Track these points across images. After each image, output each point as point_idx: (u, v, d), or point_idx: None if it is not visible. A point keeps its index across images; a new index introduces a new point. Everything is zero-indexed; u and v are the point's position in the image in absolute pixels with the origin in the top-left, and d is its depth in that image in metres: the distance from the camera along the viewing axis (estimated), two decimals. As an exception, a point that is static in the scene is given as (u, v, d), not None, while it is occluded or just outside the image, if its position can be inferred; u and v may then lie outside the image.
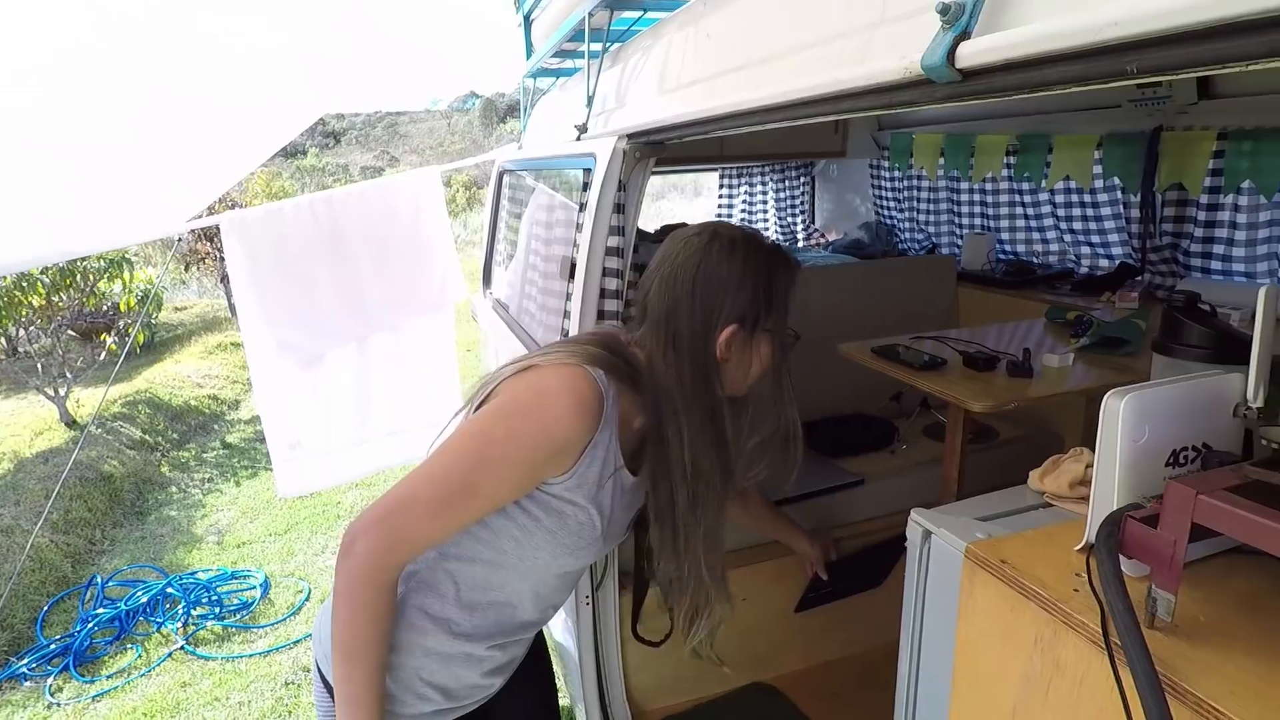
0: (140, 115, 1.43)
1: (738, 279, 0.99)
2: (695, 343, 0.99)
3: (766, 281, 1.00)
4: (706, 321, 0.98)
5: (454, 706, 1.09)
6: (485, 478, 0.92)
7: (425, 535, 0.93)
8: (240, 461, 5.80)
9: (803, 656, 2.17)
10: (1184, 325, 0.98)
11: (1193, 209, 2.47)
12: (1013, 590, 0.77)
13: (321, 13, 1.42)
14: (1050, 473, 1.00)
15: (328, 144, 33.72)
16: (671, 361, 0.99)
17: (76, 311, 6.49)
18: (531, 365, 0.98)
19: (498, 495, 0.94)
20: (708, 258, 1.00)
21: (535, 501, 0.99)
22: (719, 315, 0.98)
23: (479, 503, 0.94)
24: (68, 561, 4.19)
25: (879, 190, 3.91)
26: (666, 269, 1.02)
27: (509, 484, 0.94)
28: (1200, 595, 0.73)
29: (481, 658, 1.07)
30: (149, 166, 1.75)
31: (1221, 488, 0.63)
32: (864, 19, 0.87)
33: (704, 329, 0.99)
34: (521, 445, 0.92)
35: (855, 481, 2.23)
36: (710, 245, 1.01)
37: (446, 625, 1.03)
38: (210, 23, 1.20)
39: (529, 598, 1.07)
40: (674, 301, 1.00)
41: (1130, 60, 0.55)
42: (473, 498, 0.92)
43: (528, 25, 2.74)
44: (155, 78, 1.29)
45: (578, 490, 0.98)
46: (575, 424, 0.94)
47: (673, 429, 0.99)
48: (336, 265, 2.49)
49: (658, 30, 1.67)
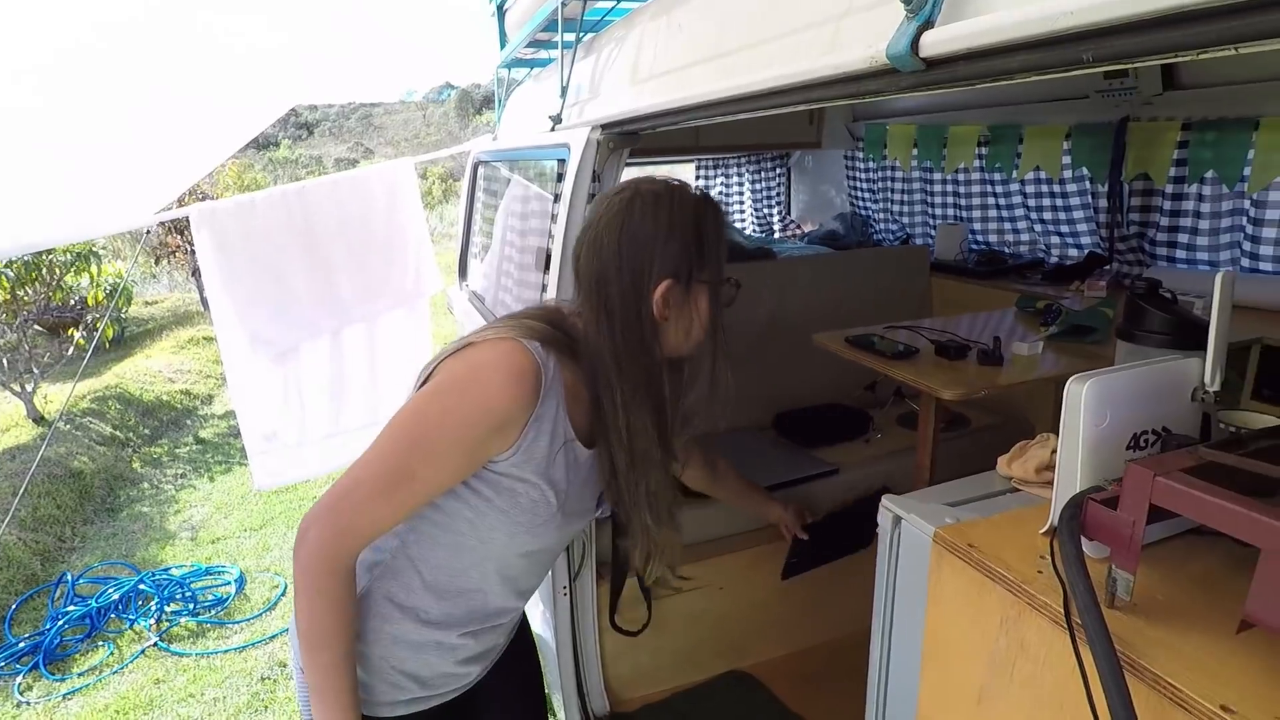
0: (107, 105, 1.40)
1: (665, 233, 0.96)
2: (627, 305, 0.96)
3: (695, 231, 0.97)
4: (637, 282, 0.95)
5: (429, 695, 1.08)
6: (423, 459, 0.90)
7: (373, 521, 0.92)
8: (214, 457, 5.73)
9: (779, 644, 2.20)
10: (1146, 312, 1.00)
11: (1158, 199, 2.52)
12: (979, 573, 0.78)
13: (295, 3, 1.39)
14: (1018, 458, 1.02)
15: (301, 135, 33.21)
16: (604, 327, 0.96)
17: (43, 306, 6.35)
18: (469, 344, 0.95)
19: (439, 476, 0.92)
20: (630, 215, 0.97)
21: (484, 481, 0.97)
22: (649, 273, 0.95)
23: (420, 485, 0.91)
24: (36, 559, 4.11)
25: (854, 181, 3.94)
26: (592, 233, 0.99)
27: (449, 464, 0.92)
28: (1158, 576, 0.75)
29: (454, 645, 1.06)
30: (115, 157, 1.71)
31: (1178, 469, 0.65)
32: (831, 9, 0.87)
33: (635, 289, 0.96)
34: (458, 424, 0.90)
35: (830, 471, 2.25)
36: (633, 202, 0.97)
37: (415, 613, 1.03)
38: (180, 12, 1.17)
39: (496, 581, 1.06)
40: (602, 265, 0.97)
41: (1086, 49, 0.56)
42: (412, 480, 0.90)
43: (501, 15, 2.71)
44: (122, 67, 1.27)
45: (525, 466, 0.96)
46: (512, 398, 0.91)
47: (607, 395, 0.97)
48: (310, 257, 2.46)
49: (630, 20, 1.66)
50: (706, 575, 2.08)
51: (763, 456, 2.37)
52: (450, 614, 1.05)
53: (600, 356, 0.97)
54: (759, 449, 2.43)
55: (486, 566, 1.04)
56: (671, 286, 0.96)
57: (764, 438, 2.53)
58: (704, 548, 2.09)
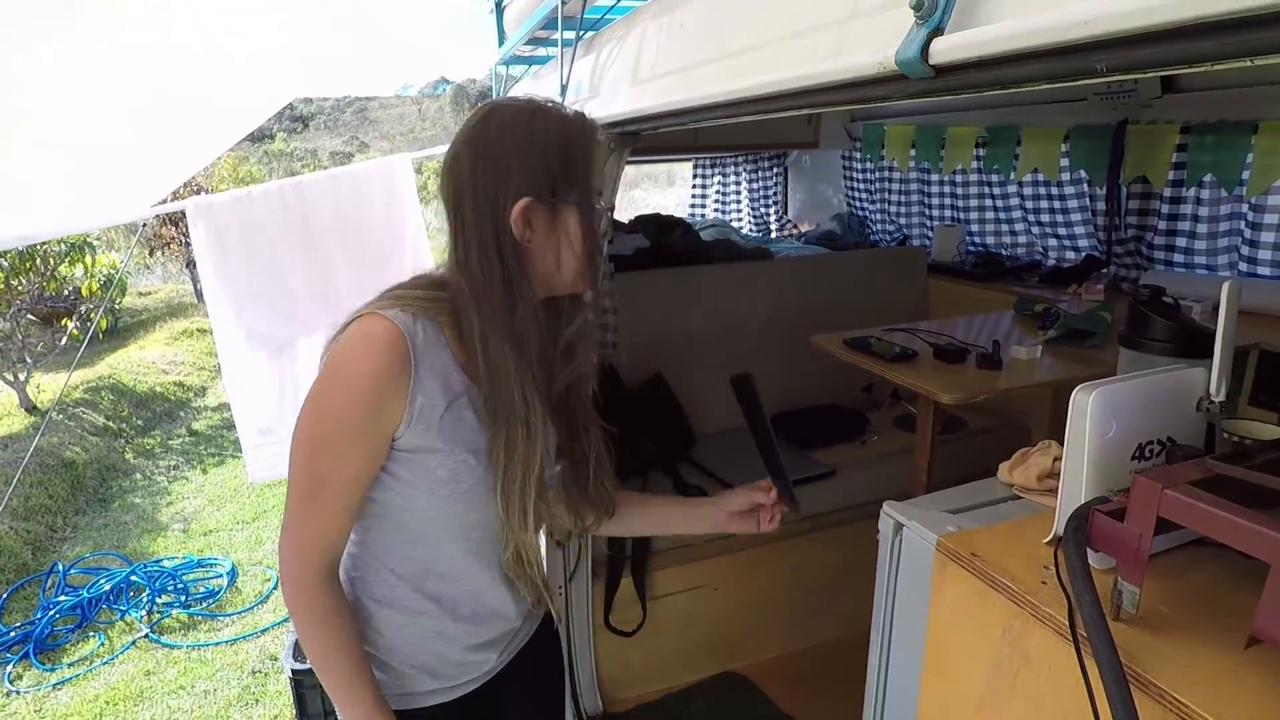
0: (103, 97, 1.39)
1: (523, 146, 0.88)
2: (483, 225, 0.89)
3: (561, 149, 0.89)
4: (493, 198, 0.88)
5: (448, 686, 1.06)
6: (325, 461, 0.89)
7: (318, 534, 0.91)
8: (207, 449, 5.70)
9: (772, 646, 2.20)
10: (1149, 319, 0.99)
11: (1156, 202, 2.52)
12: (982, 582, 0.78)
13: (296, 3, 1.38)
14: (1019, 465, 1.02)
15: (296, 129, 33.05)
16: (460, 253, 0.91)
17: (36, 296, 6.31)
18: (338, 333, 0.93)
19: (348, 471, 0.90)
20: (488, 129, 0.90)
21: (398, 463, 0.93)
22: (506, 190, 0.88)
23: (336, 485, 0.89)
24: (28, 549, 4.09)
25: (851, 182, 3.93)
26: (451, 152, 0.92)
27: (350, 456, 0.89)
28: (1162, 587, 0.75)
29: (454, 635, 1.04)
30: (112, 150, 1.69)
31: (1185, 482, 0.64)
32: (837, 13, 0.87)
33: (491, 206, 0.88)
34: (337, 416, 0.88)
35: (827, 472, 2.25)
36: (489, 118, 0.91)
37: (400, 606, 1.01)
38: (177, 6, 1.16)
39: (464, 561, 1.02)
40: (458, 184, 0.90)
41: (1100, 59, 0.56)
42: (325, 483, 0.89)
43: (499, 12, 2.70)
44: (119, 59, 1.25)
45: (430, 433, 0.91)
46: (376, 374, 0.87)
47: (468, 328, 0.91)
48: (307, 252, 2.44)
49: (631, 19, 1.65)
50: (700, 576, 2.08)
51: (758, 457, 2.37)
52: (437, 600, 1.02)
53: (457, 288, 0.91)
54: (754, 450, 2.43)
55: (449, 548, 1.00)
56: (531, 205, 0.88)
57: (760, 438, 2.52)
58: (698, 549, 2.09)
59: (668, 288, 2.54)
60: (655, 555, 2.01)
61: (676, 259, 2.76)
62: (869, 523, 1.77)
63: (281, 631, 3.35)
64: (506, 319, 0.90)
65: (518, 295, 0.90)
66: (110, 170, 1.81)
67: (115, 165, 1.79)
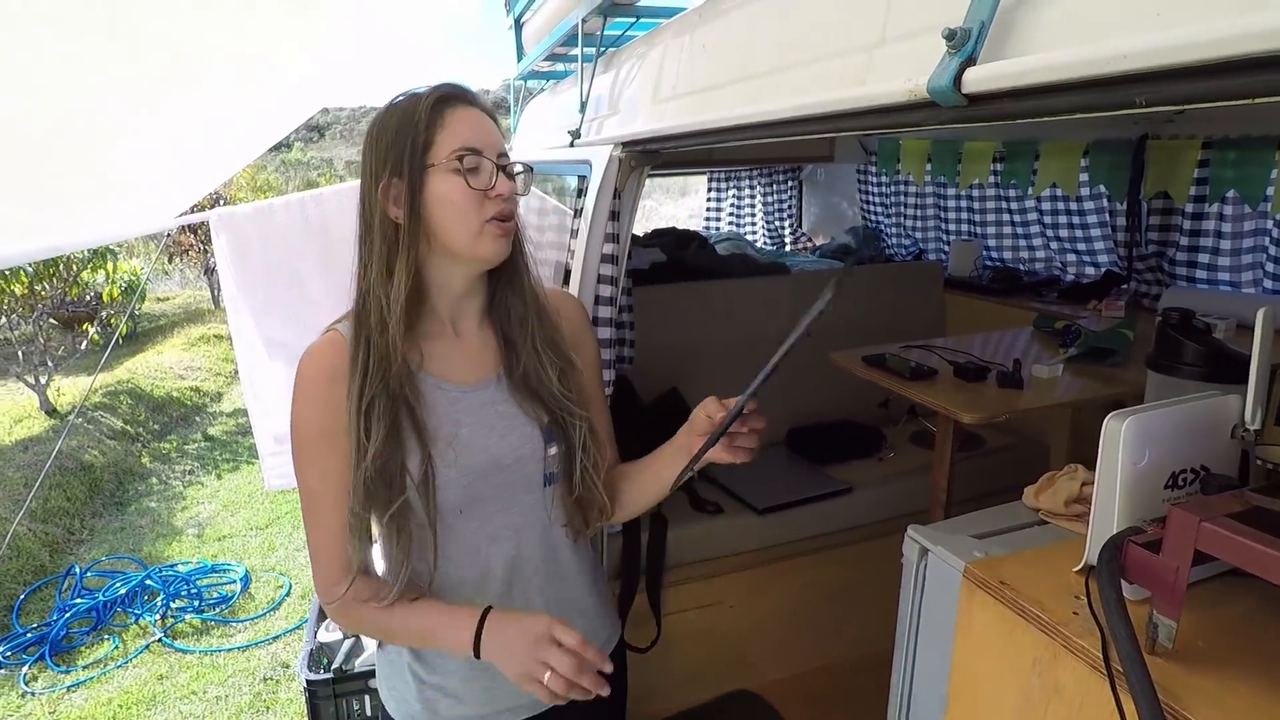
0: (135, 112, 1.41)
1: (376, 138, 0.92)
2: (370, 219, 0.94)
3: (405, 118, 0.91)
4: (370, 193, 0.92)
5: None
6: (311, 474, 0.94)
7: (331, 546, 0.94)
8: (222, 454, 5.74)
9: (788, 664, 2.18)
10: (1179, 343, 0.98)
11: (1178, 217, 2.50)
12: (1012, 612, 0.77)
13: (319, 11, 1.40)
14: (1045, 489, 1.01)
15: (312, 138, 33.36)
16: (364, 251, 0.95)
17: (59, 301, 6.40)
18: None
19: (332, 476, 0.93)
20: (367, 135, 0.95)
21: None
22: (377, 179, 0.91)
23: (327, 494, 0.93)
24: (45, 550, 4.14)
25: (866, 195, 3.93)
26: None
27: (331, 462, 0.93)
28: (1198, 619, 0.74)
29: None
30: (141, 163, 1.72)
31: (1224, 514, 0.64)
32: (865, 38, 0.87)
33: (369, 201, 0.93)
34: (301, 425, 0.94)
35: (843, 489, 2.24)
36: (379, 112, 0.95)
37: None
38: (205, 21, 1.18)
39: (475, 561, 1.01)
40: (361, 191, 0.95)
41: (1139, 92, 0.55)
42: (317, 495, 0.94)
43: (518, 29, 2.72)
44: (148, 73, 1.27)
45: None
46: (320, 372, 0.93)
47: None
48: (325, 262, 2.46)
49: (651, 38, 1.66)
50: (715, 593, 2.07)
51: (775, 473, 2.36)
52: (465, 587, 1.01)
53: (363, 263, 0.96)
54: (771, 464, 2.42)
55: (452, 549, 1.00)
56: (390, 184, 0.91)
57: (776, 453, 2.51)
58: (713, 565, 2.08)
59: (684, 302, 2.54)
60: (670, 570, 2.01)
61: (692, 273, 2.76)
62: (886, 540, 1.76)
63: (294, 639, 3.36)
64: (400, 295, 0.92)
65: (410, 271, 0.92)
66: (138, 182, 1.83)
67: (143, 177, 1.82)
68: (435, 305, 0.98)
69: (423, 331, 0.97)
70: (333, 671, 1.91)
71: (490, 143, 0.92)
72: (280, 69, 1.64)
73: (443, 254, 0.94)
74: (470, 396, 0.98)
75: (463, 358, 1.00)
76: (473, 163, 0.91)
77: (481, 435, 0.98)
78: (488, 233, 0.92)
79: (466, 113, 0.93)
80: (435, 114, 0.91)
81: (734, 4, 1.25)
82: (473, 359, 1.01)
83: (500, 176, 0.92)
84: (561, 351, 1.03)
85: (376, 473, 0.90)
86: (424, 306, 0.97)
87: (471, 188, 0.90)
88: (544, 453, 1.01)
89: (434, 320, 0.98)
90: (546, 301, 1.05)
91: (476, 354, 1.01)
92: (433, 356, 0.98)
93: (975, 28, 0.67)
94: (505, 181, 0.92)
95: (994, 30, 0.67)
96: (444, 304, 0.98)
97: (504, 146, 0.95)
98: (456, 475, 0.95)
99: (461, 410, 0.97)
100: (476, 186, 0.90)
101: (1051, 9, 0.62)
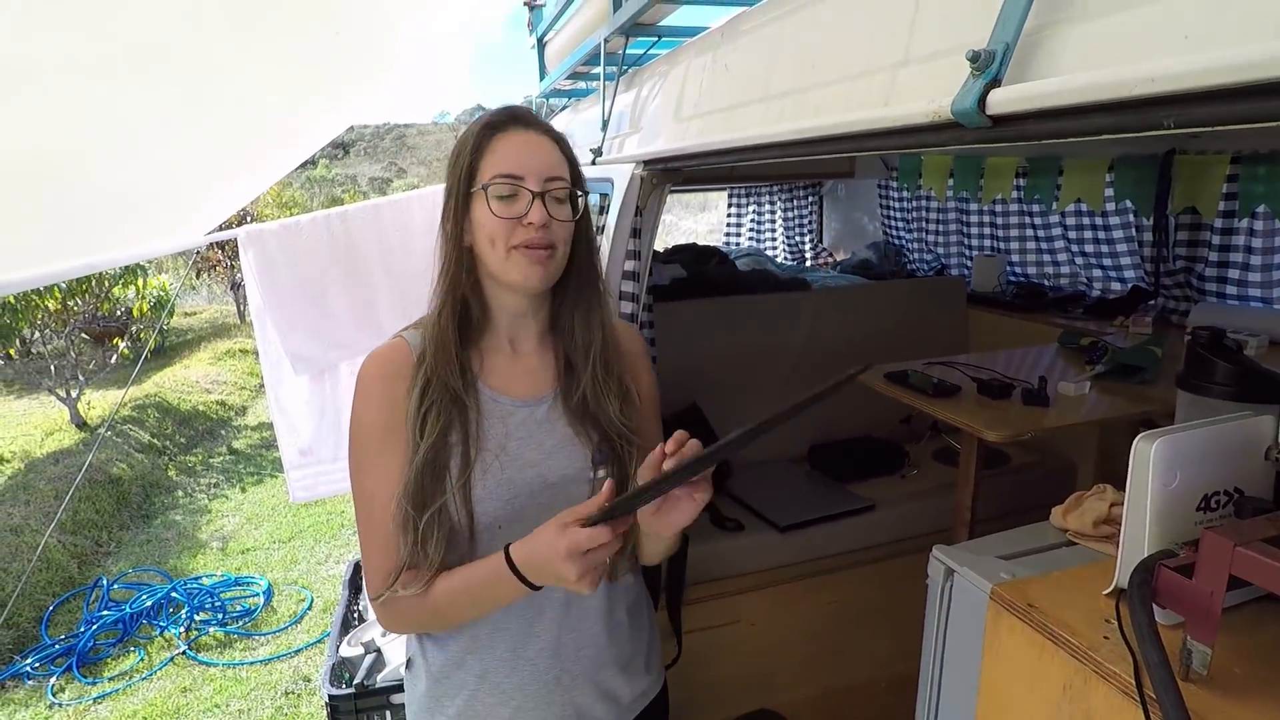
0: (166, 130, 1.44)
1: (449, 170, 0.98)
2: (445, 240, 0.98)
3: (462, 144, 0.97)
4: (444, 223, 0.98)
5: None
6: (367, 477, 0.96)
7: (385, 552, 0.95)
8: (246, 468, 5.82)
9: (809, 684, 2.15)
10: (1210, 363, 0.97)
11: (1207, 232, 2.46)
12: (1041, 635, 0.76)
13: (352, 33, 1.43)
14: (1073, 510, 0.99)
15: (337, 155, 33.95)
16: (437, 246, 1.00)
17: (91, 315, 6.54)
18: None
19: (389, 479, 0.95)
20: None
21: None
22: (446, 209, 0.97)
23: (383, 497, 0.95)
24: (74, 562, 4.21)
25: (887, 210, 3.91)
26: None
27: (387, 465, 0.95)
28: (1233, 645, 0.72)
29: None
30: (174, 181, 1.76)
31: (1259, 539, 0.63)
32: (887, 59, 0.87)
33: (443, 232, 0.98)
34: (360, 428, 0.97)
35: (865, 506, 2.22)
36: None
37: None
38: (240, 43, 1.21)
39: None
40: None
41: (1166, 114, 0.55)
42: (373, 498, 0.95)
43: (541, 48, 2.76)
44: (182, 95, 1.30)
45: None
46: (383, 374, 0.96)
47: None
48: (351, 279, 2.50)
49: (673, 57, 1.67)
50: (736, 611, 2.06)
51: (797, 489, 2.35)
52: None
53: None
54: (793, 481, 2.41)
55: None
56: (451, 205, 0.97)
57: (798, 469, 2.50)
58: (734, 583, 2.07)
59: (705, 317, 2.54)
60: (690, 587, 1.99)
61: (713, 288, 2.76)
62: (909, 559, 1.74)
63: (315, 653, 3.39)
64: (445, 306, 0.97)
65: (458, 284, 0.97)
66: (171, 201, 1.88)
67: (176, 196, 1.86)
68: (496, 321, 1.02)
69: (484, 345, 1.01)
70: (354, 687, 1.92)
71: (533, 168, 0.94)
72: (314, 90, 1.68)
73: (487, 276, 0.98)
74: (522, 411, 1.00)
75: (519, 374, 1.03)
76: (507, 189, 0.93)
77: (529, 450, 0.99)
78: (515, 258, 0.93)
79: (514, 137, 0.95)
80: (482, 140, 0.95)
81: (756, 24, 1.27)
82: (529, 376, 1.03)
83: (536, 204, 0.93)
84: (622, 381, 1.04)
85: (424, 468, 0.93)
86: (486, 321, 1.01)
87: (496, 215, 0.92)
88: (591, 475, 1.01)
89: (494, 335, 1.02)
90: (615, 332, 1.06)
91: (533, 371, 1.04)
92: (491, 370, 1.01)
93: (1000, 50, 0.67)
94: (538, 210, 0.93)
95: (1018, 52, 0.67)
96: (503, 321, 1.02)
97: (557, 170, 0.96)
98: (501, 488, 0.96)
99: (512, 424, 0.99)
100: (504, 214, 0.92)
101: (1076, 31, 0.62)
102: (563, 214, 0.96)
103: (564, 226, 0.96)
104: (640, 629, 1.12)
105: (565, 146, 1.00)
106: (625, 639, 1.08)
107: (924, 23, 0.84)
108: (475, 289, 0.98)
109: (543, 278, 0.95)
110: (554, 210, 0.95)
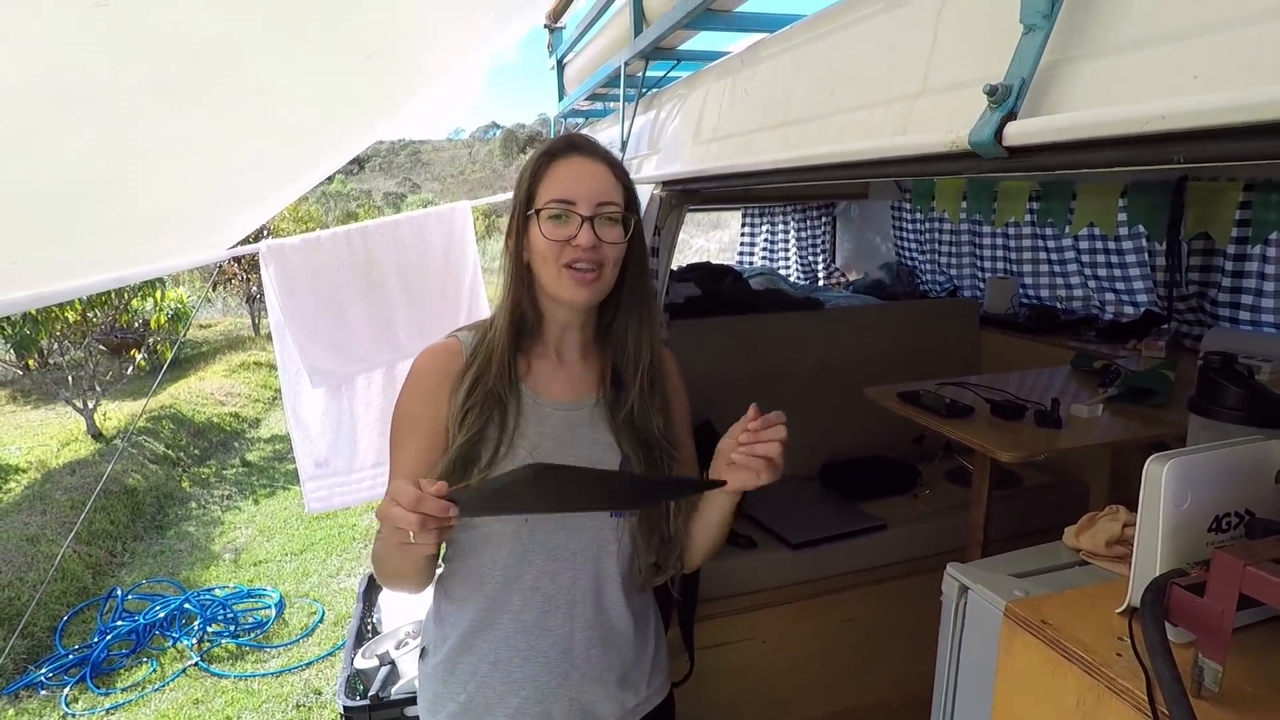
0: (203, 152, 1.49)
1: (517, 175, 1.07)
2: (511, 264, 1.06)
3: (525, 179, 1.04)
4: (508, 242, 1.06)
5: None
6: (396, 458, 1.05)
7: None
8: (259, 480, 5.86)
9: (822, 702, 2.15)
10: (1222, 387, 0.99)
11: (1220, 258, 2.47)
12: (1054, 652, 0.78)
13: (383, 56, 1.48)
14: (1086, 530, 1.01)
15: (352, 170, 34.35)
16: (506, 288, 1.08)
17: (109, 327, 6.63)
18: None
19: (408, 460, 1.03)
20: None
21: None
22: (510, 231, 1.05)
23: (402, 473, 1.02)
24: (89, 572, 4.24)
25: (900, 231, 3.94)
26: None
27: (409, 447, 1.03)
28: (1245, 664, 0.73)
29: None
30: (197, 198, 1.81)
31: (1269, 558, 0.64)
32: (905, 88, 0.90)
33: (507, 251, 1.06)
34: (399, 414, 1.06)
35: (877, 525, 2.22)
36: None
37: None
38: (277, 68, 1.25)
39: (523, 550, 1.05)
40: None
41: (1177, 150, 0.58)
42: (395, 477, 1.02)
43: (560, 70, 2.81)
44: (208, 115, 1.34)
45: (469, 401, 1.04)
46: (429, 368, 1.05)
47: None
48: (369, 293, 2.54)
49: (693, 80, 1.71)
50: (749, 629, 2.06)
51: (809, 507, 2.36)
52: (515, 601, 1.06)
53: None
54: (805, 499, 2.42)
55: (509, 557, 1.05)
56: (512, 224, 1.05)
57: (810, 488, 2.51)
58: (747, 600, 2.08)
59: (718, 336, 2.57)
60: (702, 604, 2.00)
61: (727, 307, 2.79)
62: (922, 579, 1.75)
63: (326, 665, 3.40)
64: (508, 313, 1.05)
65: (519, 296, 1.05)
66: (194, 216, 1.93)
67: (199, 211, 1.91)
68: (546, 331, 1.09)
69: (532, 351, 1.09)
70: (369, 699, 1.94)
71: (585, 193, 1.00)
72: (340, 112, 1.72)
73: (541, 290, 1.05)
74: (561, 414, 1.07)
75: (562, 379, 1.09)
76: (559, 211, 1.00)
77: (563, 452, 1.05)
78: (564, 277, 1.00)
79: (570, 164, 1.02)
80: (540, 166, 1.03)
81: (776, 50, 1.30)
82: (571, 382, 1.10)
83: (585, 227, 0.99)
84: (665, 397, 1.12)
85: (455, 461, 0.99)
86: (539, 330, 1.08)
87: (547, 236, 0.99)
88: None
89: (542, 343, 1.09)
90: (661, 353, 1.14)
91: (576, 379, 1.10)
92: (537, 374, 1.08)
93: (1016, 84, 0.70)
94: (586, 233, 0.99)
95: (1034, 87, 0.70)
96: (552, 331, 1.09)
97: (609, 195, 1.02)
98: None
99: (550, 425, 1.06)
100: (555, 236, 0.99)
101: (1090, 68, 0.65)
102: (613, 235, 1.02)
103: (614, 248, 1.02)
104: (646, 640, 1.15)
105: (619, 171, 1.06)
106: (634, 646, 1.13)
107: (942, 55, 0.87)
108: (532, 301, 1.06)
109: (589, 295, 1.02)
110: (604, 232, 1.00)
